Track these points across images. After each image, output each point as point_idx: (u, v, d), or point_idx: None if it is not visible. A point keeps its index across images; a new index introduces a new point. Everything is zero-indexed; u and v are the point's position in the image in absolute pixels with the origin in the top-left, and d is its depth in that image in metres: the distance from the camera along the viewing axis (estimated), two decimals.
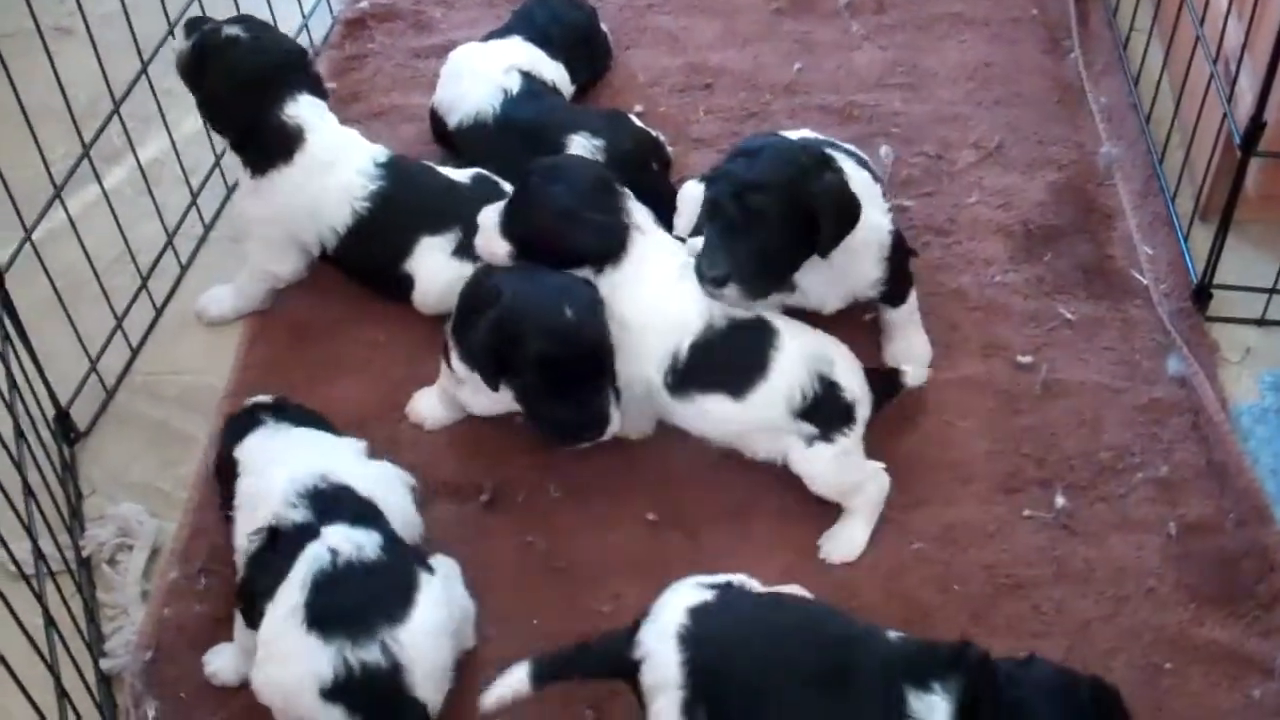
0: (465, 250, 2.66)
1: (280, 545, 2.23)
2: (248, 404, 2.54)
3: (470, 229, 2.61)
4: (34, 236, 2.63)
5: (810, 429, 2.41)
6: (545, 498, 2.56)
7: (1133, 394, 2.66)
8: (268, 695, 2.19)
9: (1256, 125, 2.49)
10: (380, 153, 2.78)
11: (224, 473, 2.46)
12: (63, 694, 2.21)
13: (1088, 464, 2.55)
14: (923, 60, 3.27)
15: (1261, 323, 2.78)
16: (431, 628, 2.18)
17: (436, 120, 3.03)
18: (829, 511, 2.48)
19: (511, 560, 2.49)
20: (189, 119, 3.04)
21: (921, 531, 2.49)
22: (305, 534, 2.22)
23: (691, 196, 2.63)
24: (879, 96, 3.19)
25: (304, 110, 2.71)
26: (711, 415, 2.45)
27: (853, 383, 2.45)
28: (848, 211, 2.38)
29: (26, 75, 2.62)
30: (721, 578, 2.15)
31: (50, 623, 2.25)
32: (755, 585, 2.18)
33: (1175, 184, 2.95)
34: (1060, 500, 2.49)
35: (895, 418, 2.62)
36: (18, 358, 2.58)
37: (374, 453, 2.43)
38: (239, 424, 2.49)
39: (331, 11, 3.49)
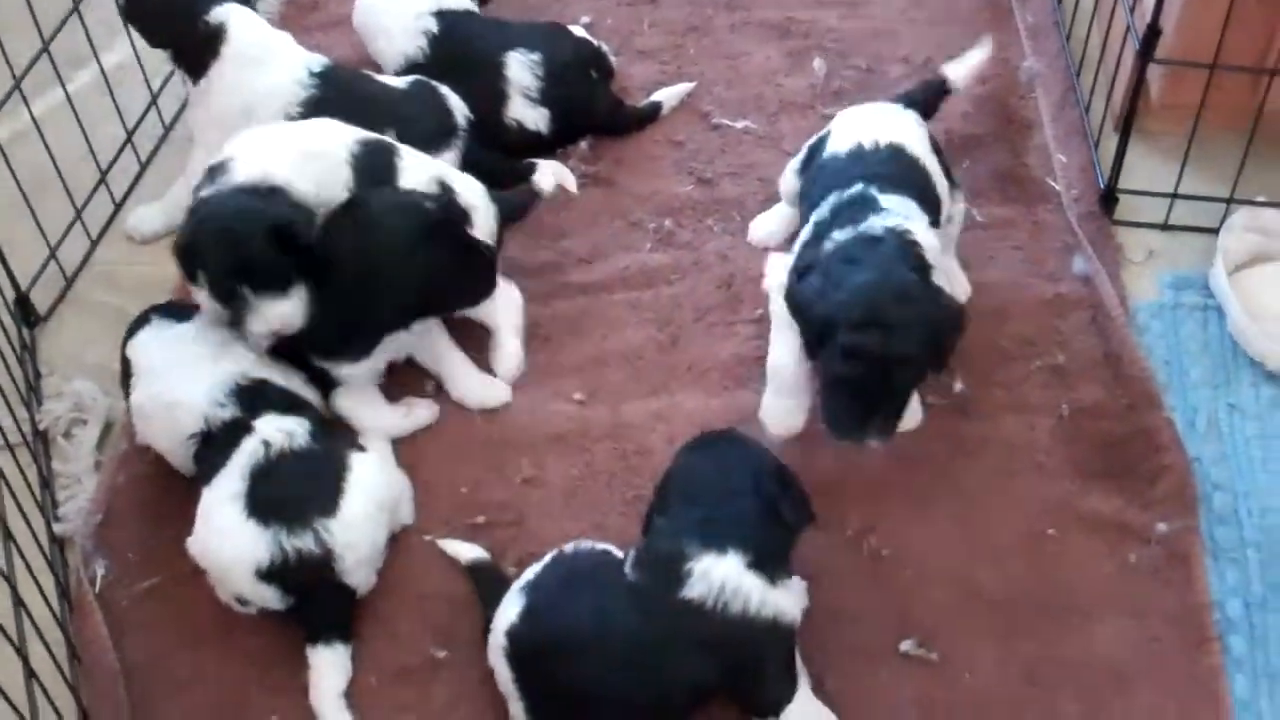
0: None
1: (216, 441, 2.42)
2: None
3: (404, 133, 2.78)
4: (0, 136, 2.79)
5: None
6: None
7: (1037, 289, 2.82)
8: (205, 564, 2.38)
9: (1153, 32, 2.64)
10: (315, 61, 2.90)
11: (124, 373, 2.61)
12: (18, 554, 2.34)
13: (989, 352, 2.71)
14: None
15: (1165, 227, 2.93)
16: (362, 517, 2.38)
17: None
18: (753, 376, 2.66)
19: (447, 435, 2.66)
20: None
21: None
22: (238, 429, 2.41)
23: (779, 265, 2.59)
24: (816, 14, 3.34)
25: (227, 13, 2.84)
26: None
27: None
28: (961, 328, 2.40)
29: None
30: (548, 556, 2.30)
31: (6, 487, 2.38)
32: (584, 545, 2.32)
33: (1089, 96, 3.09)
34: (959, 385, 2.65)
35: None
36: None
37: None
38: (134, 325, 2.63)
39: None
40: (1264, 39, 2.77)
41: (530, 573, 2.29)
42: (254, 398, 2.47)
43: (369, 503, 2.40)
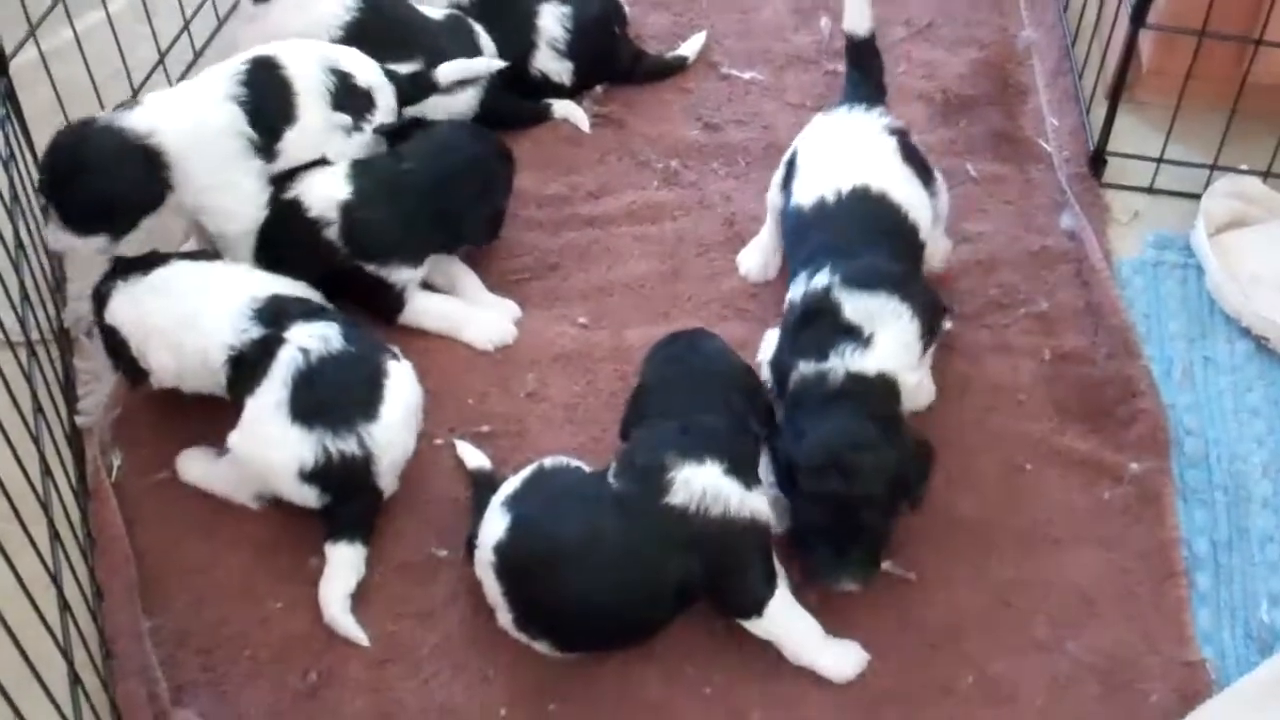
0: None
1: (249, 361, 2.47)
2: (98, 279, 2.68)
3: (432, 60, 2.91)
4: (40, 49, 2.88)
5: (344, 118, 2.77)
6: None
7: (1025, 242, 2.94)
8: (247, 462, 2.46)
9: None
10: None
11: (110, 342, 2.63)
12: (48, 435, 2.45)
13: (976, 298, 2.83)
14: None
15: (1150, 190, 3.06)
16: (400, 423, 2.48)
17: None
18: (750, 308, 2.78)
19: (456, 351, 2.76)
20: None
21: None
22: (271, 343, 2.47)
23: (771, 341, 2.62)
24: None
25: None
26: None
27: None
28: (927, 470, 2.41)
29: None
30: (526, 471, 2.39)
31: (32, 375, 2.49)
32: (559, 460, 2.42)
33: (1083, 65, 3.22)
34: (947, 324, 2.76)
35: None
36: (18, 143, 2.83)
37: None
38: (98, 295, 2.65)
39: None
40: (1252, 10, 2.89)
41: (509, 487, 2.37)
42: (274, 312, 2.52)
43: (406, 409, 2.50)
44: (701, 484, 2.24)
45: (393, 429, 2.46)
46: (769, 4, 3.39)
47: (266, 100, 2.70)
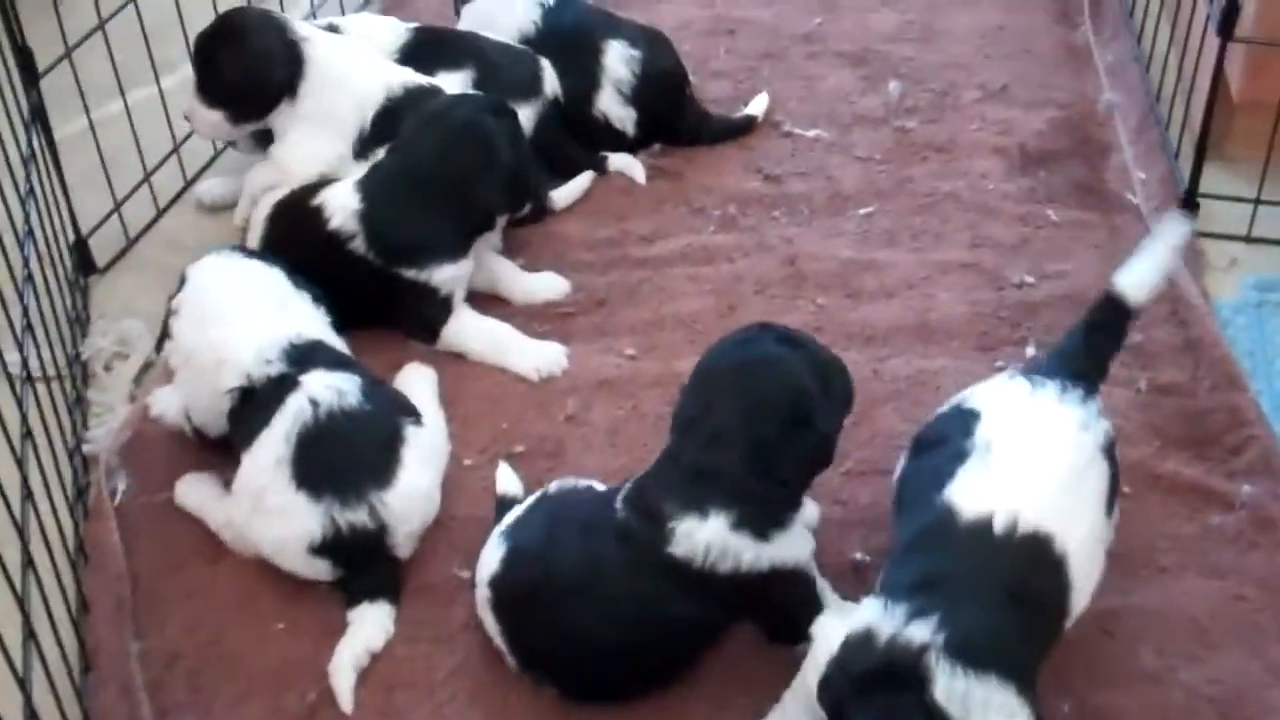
0: (477, 88, 2.85)
1: (258, 398, 2.26)
2: None
3: (484, 75, 2.87)
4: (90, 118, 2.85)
5: None
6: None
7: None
8: (249, 540, 2.23)
9: (1232, 7, 2.59)
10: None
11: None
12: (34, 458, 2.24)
13: (1062, 330, 2.57)
14: (937, 22, 3.42)
15: (1248, 239, 2.82)
16: (417, 491, 2.25)
17: None
18: None
19: (490, 376, 2.57)
20: None
21: (895, 376, 2.53)
22: (284, 385, 2.25)
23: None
24: (892, 47, 3.33)
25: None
26: None
27: None
28: None
29: None
30: (530, 499, 2.18)
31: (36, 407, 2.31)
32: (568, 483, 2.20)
33: (1168, 115, 3.03)
34: (1031, 350, 2.53)
35: (875, 290, 2.71)
36: (45, 169, 2.73)
37: None
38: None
39: None
40: None
41: (511, 516, 2.14)
42: (304, 356, 2.31)
43: (426, 476, 2.27)
44: (705, 539, 1.95)
45: (410, 499, 2.22)
46: (833, 73, 3.26)
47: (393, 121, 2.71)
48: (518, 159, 2.61)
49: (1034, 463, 1.92)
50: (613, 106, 2.99)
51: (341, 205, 2.57)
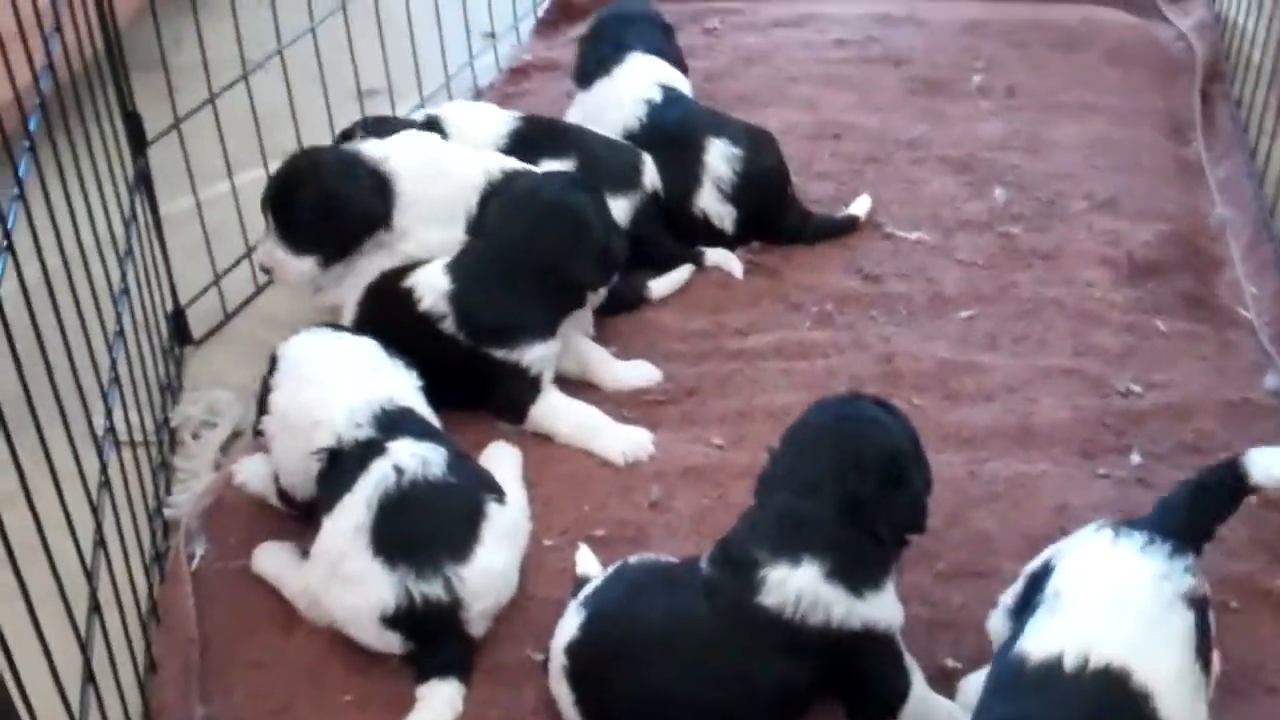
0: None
1: (344, 461, 2.25)
2: None
3: (584, 164, 2.85)
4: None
5: None
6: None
7: (1224, 393, 2.62)
8: (323, 601, 2.20)
9: None
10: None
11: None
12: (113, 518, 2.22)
13: (1169, 440, 2.52)
14: (1045, 133, 3.37)
15: None
16: (494, 569, 2.20)
17: None
18: None
19: (575, 460, 2.52)
20: None
21: (993, 478, 2.45)
22: (370, 450, 2.24)
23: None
24: (999, 155, 3.28)
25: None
26: None
27: None
28: None
29: None
30: (609, 569, 2.14)
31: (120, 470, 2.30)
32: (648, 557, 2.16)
33: None
34: (1136, 458, 2.45)
35: (974, 393, 2.64)
36: (146, 232, 2.76)
37: None
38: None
39: (499, 64, 3.77)
40: None
41: (589, 587, 2.10)
42: (394, 422, 2.29)
43: (504, 554, 2.23)
44: (796, 587, 1.91)
45: (487, 576, 2.18)
46: (938, 178, 3.22)
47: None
48: (605, 232, 2.62)
49: (1105, 603, 1.82)
50: (712, 204, 2.97)
51: (432, 286, 2.56)
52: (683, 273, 2.92)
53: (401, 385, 2.40)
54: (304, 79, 3.08)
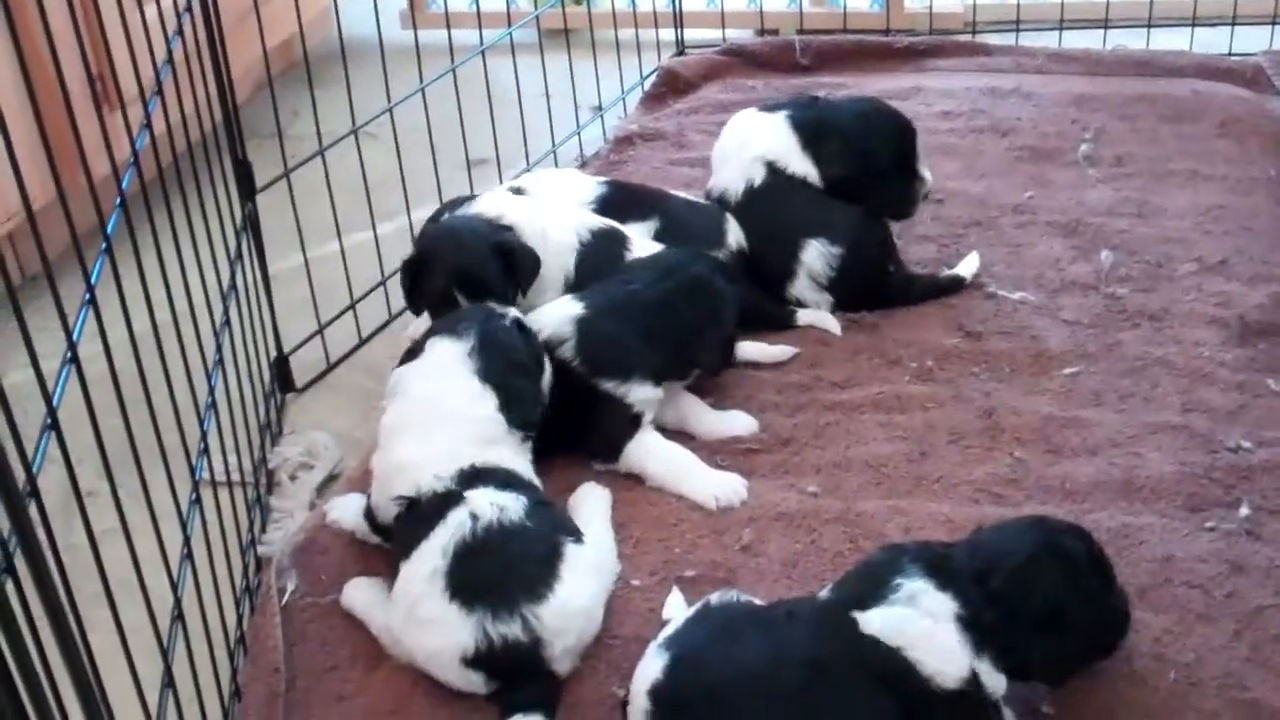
0: (661, 237, 2.90)
1: (422, 510, 2.26)
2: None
3: (668, 224, 2.93)
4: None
5: None
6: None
7: None
8: (404, 644, 2.20)
9: None
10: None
11: None
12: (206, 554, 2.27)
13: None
14: (1154, 200, 3.32)
15: None
16: (574, 607, 2.18)
17: None
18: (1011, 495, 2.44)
19: (665, 503, 2.49)
20: None
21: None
22: (449, 500, 2.24)
23: None
24: (1106, 220, 3.24)
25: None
26: None
27: None
28: None
29: None
30: (692, 609, 2.10)
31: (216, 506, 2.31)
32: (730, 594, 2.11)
33: None
34: (1245, 510, 2.36)
35: (1077, 446, 2.57)
36: (251, 274, 2.81)
37: None
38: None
39: (605, 135, 3.83)
40: None
41: (670, 628, 2.05)
42: (477, 477, 2.28)
43: (585, 593, 2.20)
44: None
45: (566, 614, 2.15)
46: (1043, 241, 3.18)
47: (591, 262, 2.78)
48: (733, 325, 2.72)
49: None
50: (807, 293, 2.96)
51: (558, 313, 2.59)
52: (776, 352, 2.86)
53: (504, 450, 2.36)
54: (414, 147, 3.16)
